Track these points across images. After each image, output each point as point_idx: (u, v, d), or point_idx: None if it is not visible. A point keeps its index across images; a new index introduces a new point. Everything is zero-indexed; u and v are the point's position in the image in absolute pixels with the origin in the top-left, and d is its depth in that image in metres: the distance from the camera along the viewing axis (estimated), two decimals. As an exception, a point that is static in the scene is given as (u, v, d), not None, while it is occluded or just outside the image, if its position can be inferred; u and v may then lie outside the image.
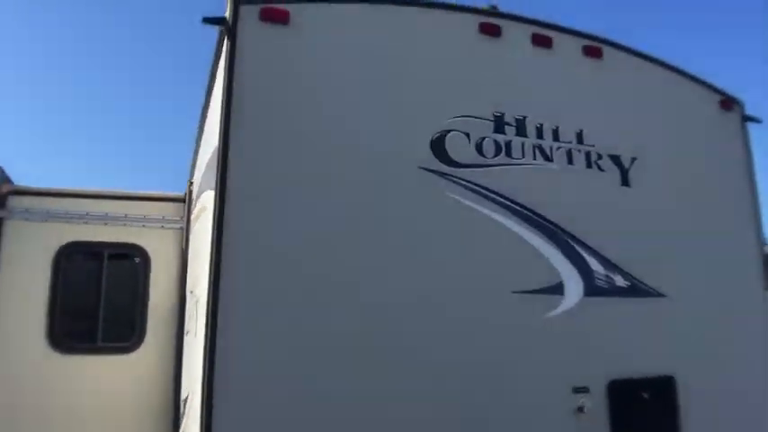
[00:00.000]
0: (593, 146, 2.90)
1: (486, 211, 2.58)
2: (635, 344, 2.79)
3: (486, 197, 2.59)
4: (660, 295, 2.88)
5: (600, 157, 2.90)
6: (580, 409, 2.55)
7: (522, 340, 2.54)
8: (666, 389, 2.78)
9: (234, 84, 2.29)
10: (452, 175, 2.55)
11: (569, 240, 2.72)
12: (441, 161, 2.55)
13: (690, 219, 3.10)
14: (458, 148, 2.59)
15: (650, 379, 2.76)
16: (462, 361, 2.42)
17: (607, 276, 2.77)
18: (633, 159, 2.98)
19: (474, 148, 2.63)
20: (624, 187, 2.94)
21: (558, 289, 2.64)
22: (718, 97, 3.37)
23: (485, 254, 2.55)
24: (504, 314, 2.53)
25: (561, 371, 2.58)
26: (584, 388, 2.60)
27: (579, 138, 2.88)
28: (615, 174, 2.93)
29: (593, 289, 2.72)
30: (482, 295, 2.51)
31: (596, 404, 2.60)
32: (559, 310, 2.63)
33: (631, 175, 2.97)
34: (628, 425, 2.66)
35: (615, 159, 2.94)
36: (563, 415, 2.52)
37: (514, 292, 2.55)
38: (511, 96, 2.76)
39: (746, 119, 3.44)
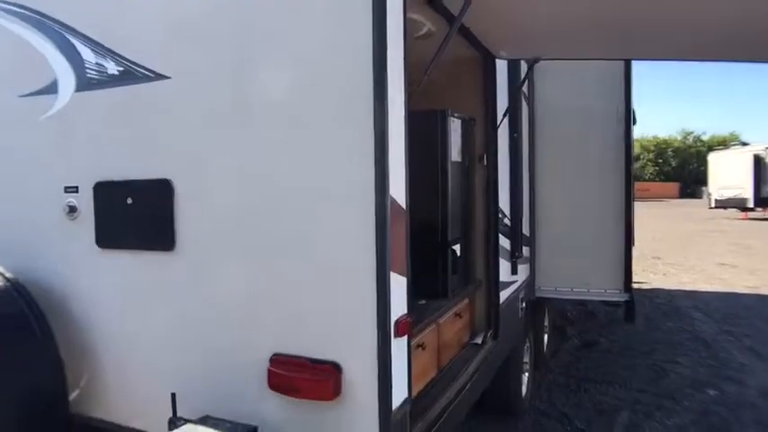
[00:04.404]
0: None
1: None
2: (126, 141, 2.38)
3: (-2, 7, 2.68)
4: (160, 77, 2.27)
5: None
6: (71, 209, 2.52)
7: (26, 141, 2.64)
8: (159, 194, 2.29)
9: None
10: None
11: (63, 31, 2.48)
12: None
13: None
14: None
15: (139, 182, 2.34)
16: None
17: (99, 65, 2.41)
18: None
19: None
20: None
21: (52, 88, 2.54)
22: None
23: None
24: (10, 119, 2.68)
25: (58, 171, 2.56)
26: (74, 188, 2.52)
27: None
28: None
29: (84, 82, 2.45)
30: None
31: (85, 205, 2.49)
32: (54, 109, 2.54)
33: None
34: (112, 227, 2.43)
35: None
36: (58, 212, 2.55)
37: (20, 97, 2.63)
38: None
39: None
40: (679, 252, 15.34)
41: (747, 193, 25.56)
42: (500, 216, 3.53)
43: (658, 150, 64.66)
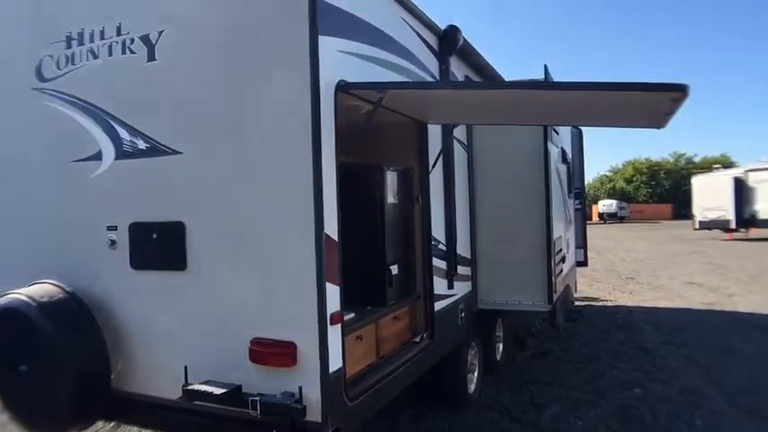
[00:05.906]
0: (128, 33, 3.49)
1: (61, 108, 3.74)
2: (152, 195, 3.43)
3: (59, 98, 3.75)
4: (175, 153, 3.34)
5: (132, 41, 3.47)
6: (112, 242, 3.56)
7: (77, 194, 3.70)
8: (175, 231, 3.33)
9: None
10: (43, 88, 3.83)
11: (106, 117, 3.56)
12: (38, 79, 3.86)
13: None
14: (47, 67, 3.83)
15: (162, 223, 3.38)
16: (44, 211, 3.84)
17: (132, 141, 3.48)
18: (161, 33, 3.37)
19: (55, 65, 3.79)
20: (151, 62, 3.41)
21: (98, 156, 3.60)
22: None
23: (56, 136, 3.77)
24: (66, 177, 3.74)
25: (101, 215, 3.61)
26: (114, 227, 3.56)
27: (118, 31, 3.53)
28: (143, 52, 3.43)
29: (121, 153, 3.51)
30: (51, 165, 3.79)
31: (122, 239, 3.53)
32: (99, 171, 3.61)
33: (158, 49, 3.39)
34: (142, 254, 3.46)
35: (144, 39, 3.43)
36: (103, 244, 3.59)
37: (73, 162, 3.70)
38: (73, 16, 3.69)
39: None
40: (655, 272, 16.30)
41: (729, 214, 26.63)
42: (434, 242, 4.57)
43: (651, 172, 66.02)
